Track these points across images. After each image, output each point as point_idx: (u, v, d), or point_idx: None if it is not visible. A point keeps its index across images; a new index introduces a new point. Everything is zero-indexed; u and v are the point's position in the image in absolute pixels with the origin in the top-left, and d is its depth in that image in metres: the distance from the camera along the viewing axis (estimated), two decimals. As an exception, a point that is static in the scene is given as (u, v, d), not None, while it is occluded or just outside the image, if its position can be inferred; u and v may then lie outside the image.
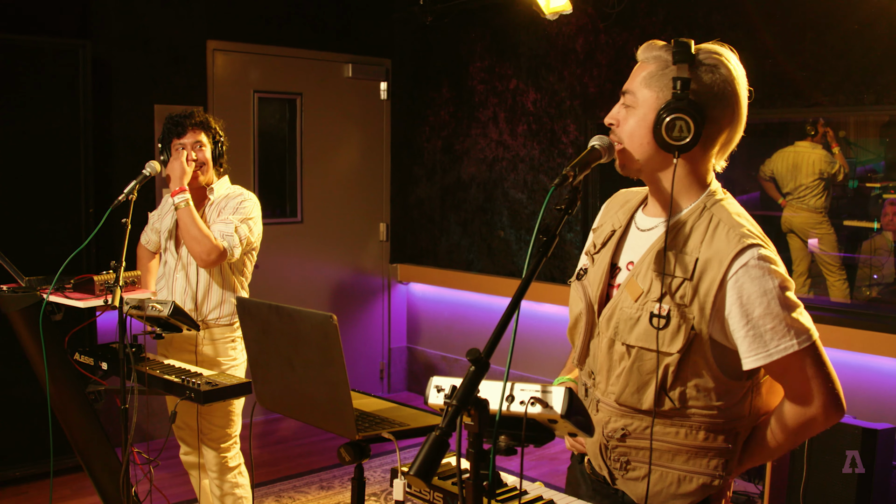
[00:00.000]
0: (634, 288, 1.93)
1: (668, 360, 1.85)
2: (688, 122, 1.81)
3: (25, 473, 4.96)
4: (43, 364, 3.33)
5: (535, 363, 6.10)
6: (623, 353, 1.92)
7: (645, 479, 1.93)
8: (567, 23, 5.72)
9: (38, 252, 4.85)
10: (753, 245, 1.82)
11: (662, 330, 1.85)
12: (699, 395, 1.87)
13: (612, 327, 1.95)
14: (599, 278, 2.03)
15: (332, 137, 6.66)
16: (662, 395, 1.88)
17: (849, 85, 4.41)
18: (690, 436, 1.90)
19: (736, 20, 4.83)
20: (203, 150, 3.73)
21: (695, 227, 1.89)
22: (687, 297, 1.84)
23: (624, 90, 1.94)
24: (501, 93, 6.27)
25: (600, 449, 2.00)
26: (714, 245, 1.85)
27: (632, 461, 1.95)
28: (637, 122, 1.89)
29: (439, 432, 1.42)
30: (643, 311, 1.89)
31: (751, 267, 1.81)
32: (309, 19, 6.41)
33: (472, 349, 1.49)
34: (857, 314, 4.55)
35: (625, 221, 2.07)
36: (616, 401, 1.94)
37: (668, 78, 1.86)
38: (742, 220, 1.88)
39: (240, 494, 3.80)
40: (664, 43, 1.92)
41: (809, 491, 4.02)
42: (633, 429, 1.93)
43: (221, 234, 3.59)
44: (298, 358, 2.21)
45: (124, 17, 5.54)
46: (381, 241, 7.06)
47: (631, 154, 1.92)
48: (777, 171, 4.97)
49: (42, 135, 5.01)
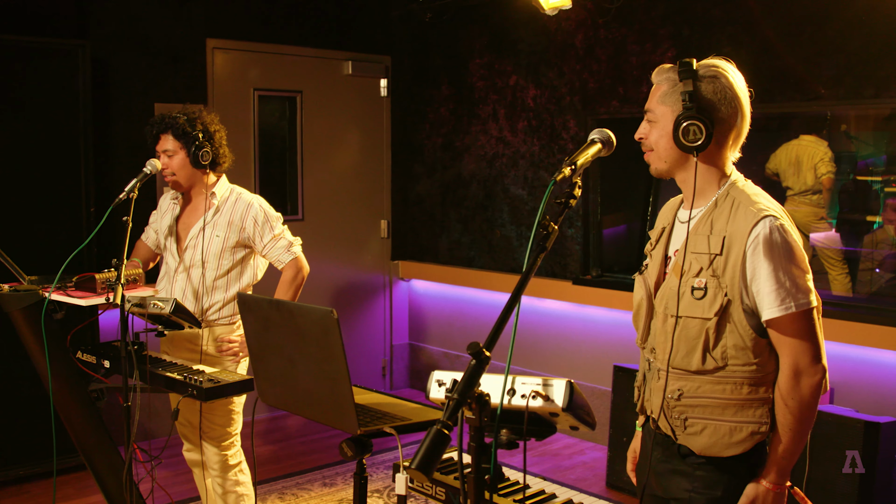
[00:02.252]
0: (677, 269, 2.27)
1: (707, 325, 2.19)
2: (699, 126, 2.18)
3: (28, 472, 4.96)
4: (45, 363, 3.33)
5: (535, 358, 6.10)
6: (673, 324, 2.26)
7: (703, 432, 2.22)
8: (566, 18, 5.71)
9: (40, 251, 4.85)
10: (767, 216, 2.16)
11: (701, 300, 2.20)
12: (737, 353, 2.19)
13: (663, 304, 2.31)
14: (656, 269, 2.39)
15: (332, 135, 6.66)
16: (707, 355, 2.20)
17: (849, 78, 4.41)
18: (736, 391, 2.20)
19: (735, 15, 4.82)
20: (172, 157, 3.70)
21: (720, 211, 2.24)
22: (720, 269, 2.19)
23: (646, 109, 2.33)
24: (501, 89, 6.27)
25: (663, 409, 2.29)
26: (736, 222, 2.19)
27: (689, 417, 2.25)
28: (660, 134, 2.28)
29: (440, 426, 1.43)
30: (685, 286, 2.24)
31: (765, 233, 2.14)
32: (308, 17, 6.41)
33: (473, 343, 1.49)
34: (860, 308, 4.54)
35: (671, 219, 2.43)
36: (671, 366, 2.26)
37: (678, 94, 2.23)
38: (759, 199, 2.23)
39: (241, 492, 3.80)
40: (672, 65, 2.28)
41: (812, 484, 4.02)
42: (687, 389, 2.25)
43: (285, 250, 3.77)
44: (299, 353, 2.21)
45: (123, 17, 5.53)
46: (382, 239, 7.06)
47: (659, 159, 2.31)
48: (780, 167, 4.96)
49: (42, 135, 5.01)
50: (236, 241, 3.72)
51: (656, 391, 2.33)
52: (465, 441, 1.53)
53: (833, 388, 4.48)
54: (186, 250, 3.75)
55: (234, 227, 3.71)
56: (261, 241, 3.74)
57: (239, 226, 3.71)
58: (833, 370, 4.52)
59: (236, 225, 3.71)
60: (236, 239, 3.72)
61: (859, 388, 4.42)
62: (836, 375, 4.48)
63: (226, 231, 3.71)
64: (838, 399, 4.46)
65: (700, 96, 2.21)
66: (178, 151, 3.70)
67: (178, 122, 3.69)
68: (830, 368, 4.46)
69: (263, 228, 3.73)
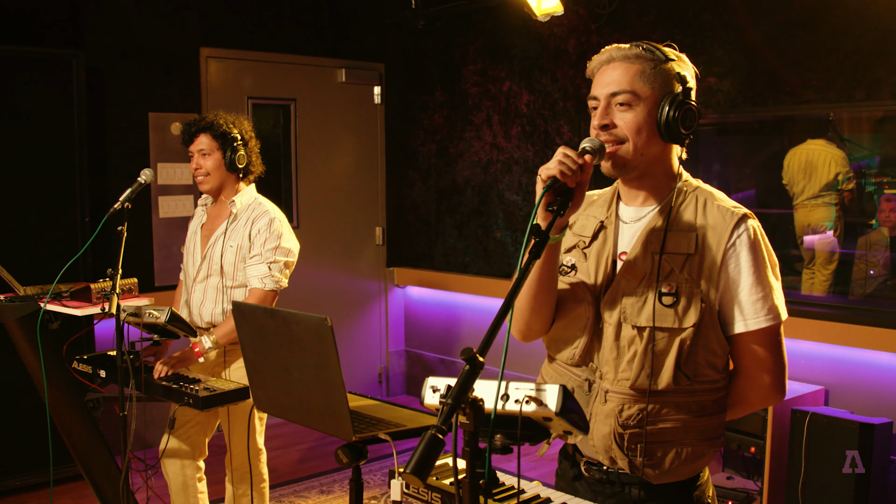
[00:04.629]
0: (635, 272, 1.98)
1: (682, 336, 1.92)
2: (695, 112, 1.96)
3: (25, 483, 4.96)
4: (41, 373, 3.33)
5: (529, 363, 6.10)
6: (633, 337, 1.95)
7: (664, 458, 1.97)
8: (559, 24, 5.74)
9: (35, 261, 4.86)
10: (746, 216, 1.97)
11: (673, 307, 1.92)
12: (708, 367, 1.97)
13: (616, 313, 1.98)
14: (602, 270, 2.04)
15: (326, 142, 6.68)
16: (678, 372, 1.93)
17: (840, 81, 4.43)
18: (700, 410, 1.98)
19: (726, 19, 4.84)
20: (206, 157, 3.69)
21: (683, 209, 2.01)
22: (694, 272, 1.94)
23: (615, 91, 1.96)
24: (495, 95, 6.29)
25: (615, 439, 1.98)
26: (709, 220, 1.97)
27: (649, 444, 1.96)
28: (643, 118, 1.95)
29: (435, 431, 1.43)
30: (648, 292, 1.95)
31: (748, 237, 1.95)
32: (301, 25, 6.43)
33: (467, 348, 1.50)
34: (854, 309, 4.56)
35: (610, 216, 2.10)
36: (631, 386, 1.96)
37: (664, 75, 1.96)
38: (722, 196, 2.04)
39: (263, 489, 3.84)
40: (629, 44, 1.99)
41: (808, 487, 4.03)
42: (651, 410, 1.95)
43: (259, 278, 3.60)
44: (294, 361, 2.22)
45: (117, 27, 5.55)
46: (378, 245, 7.07)
47: (634, 149, 1.96)
48: (790, 173, 4.92)
49: (37, 144, 5.02)
50: (250, 250, 3.67)
51: (603, 418, 1.99)
52: (460, 446, 1.54)
53: (828, 389, 4.49)
54: (205, 259, 3.74)
55: (248, 237, 3.66)
56: (259, 247, 3.62)
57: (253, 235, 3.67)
58: (828, 372, 4.55)
59: (252, 235, 3.66)
60: (250, 248, 3.67)
61: (854, 390, 4.43)
62: (830, 377, 4.50)
63: (239, 242, 3.66)
64: (833, 401, 4.47)
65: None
66: (213, 152, 3.69)
67: (219, 122, 3.71)
68: (826, 370, 4.48)
69: (266, 240, 3.63)
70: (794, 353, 2.07)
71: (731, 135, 5.18)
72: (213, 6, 5.97)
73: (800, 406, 4.16)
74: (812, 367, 4.51)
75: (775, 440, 4.19)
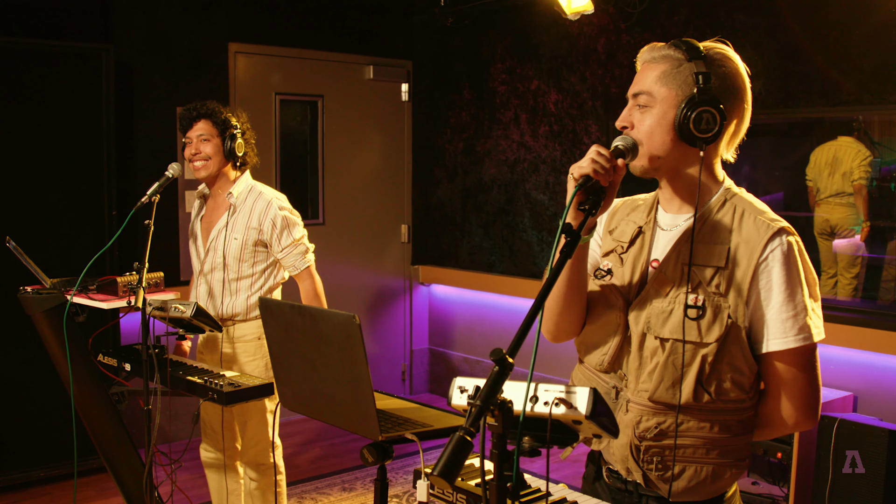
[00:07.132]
0: (663, 281, 1.93)
1: (705, 351, 1.85)
2: (714, 114, 1.85)
3: (49, 474, 4.99)
4: (67, 365, 3.35)
5: (558, 364, 6.07)
6: (656, 348, 1.90)
7: (681, 475, 1.91)
8: (588, 23, 5.70)
9: (62, 254, 4.89)
10: (783, 230, 1.87)
11: (698, 320, 1.86)
12: (734, 386, 1.88)
13: (642, 322, 1.93)
14: (636, 276, 2.00)
15: (353, 139, 6.67)
16: (699, 388, 1.87)
17: (874, 84, 4.37)
18: (724, 429, 1.90)
19: (758, 20, 4.79)
20: (206, 142, 3.70)
21: (721, 218, 1.92)
22: (722, 286, 1.86)
23: (636, 92, 1.94)
24: (523, 94, 6.25)
25: (631, 451, 1.95)
26: (744, 233, 1.88)
27: (667, 460, 1.91)
28: (657, 120, 1.90)
29: (463, 433, 1.41)
30: (675, 303, 1.89)
31: (782, 252, 1.85)
32: (330, 21, 6.42)
33: (496, 349, 1.47)
34: (884, 315, 4.49)
35: (646, 221, 2.06)
36: (650, 398, 1.91)
37: (684, 74, 1.88)
38: (764, 208, 1.93)
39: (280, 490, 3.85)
40: (665, 43, 1.94)
41: (835, 494, 3.98)
42: (668, 426, 1.89)
43: (293, 266, 3.75)
44: (321, 358, 2.20)
45: (146, 22, 5.57)
46: (403, 243, 7.07)
47: (648, 151, 1.92)
48: (815, 169, 4.85)
49: (65, 138, 5.05)
50: (255, 241, 3.69)
51: (623, 428, 1.95)
52: (488, 448, 1.52)
53: (856, 396, 4.43)
54: (208, 253, 3.75)
55: (252, 228, 3.69)
56: (278, 245, 3.70)
57: (257, 227, 3.68)
58: (856, 378, 4.49)
59: (254, 226, 3.68)
60: (255, 239, 3.69)
61: (883, 397, 4.37)
62: (859, 384, 4.44)
63: (244, 234, 3.68)
64: (861, 407, 4.42)
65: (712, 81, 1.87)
66: (213, 138, 3.70)
67: (218, 109, 3.74)
68: (855, 376, 4.43)
69: (282, 233, 3.70)
70: (823, 359, 1.98)
71: (761, 136, 5.13)
72: (242, 1, 5.98)
73: (828, 412, 4.11)
74: (841, 372, 4.45)
75: (802, 446, 4.15)
